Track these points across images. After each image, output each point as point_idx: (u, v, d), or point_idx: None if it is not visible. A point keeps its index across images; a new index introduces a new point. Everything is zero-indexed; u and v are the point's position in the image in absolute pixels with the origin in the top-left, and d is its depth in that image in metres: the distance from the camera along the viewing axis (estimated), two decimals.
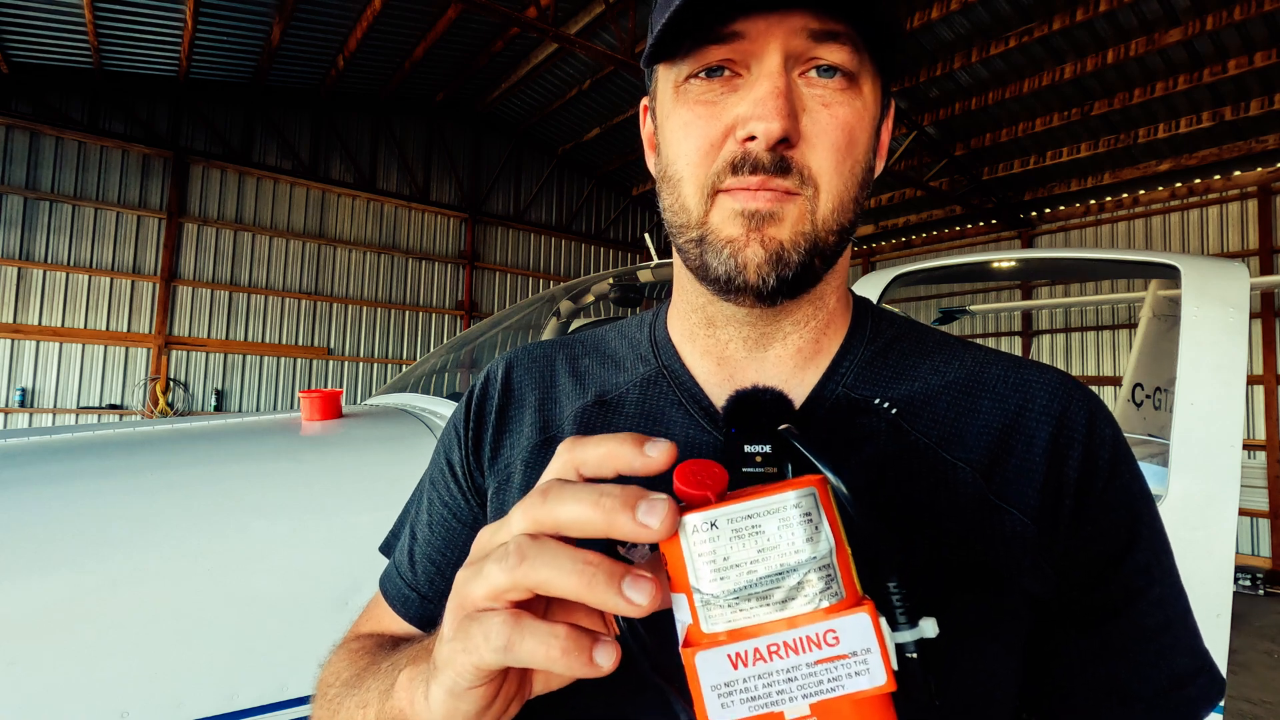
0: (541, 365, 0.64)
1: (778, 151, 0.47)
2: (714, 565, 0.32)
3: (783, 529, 0.32)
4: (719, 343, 0.56)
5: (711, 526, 0.32)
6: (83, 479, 1.34)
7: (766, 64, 0.46)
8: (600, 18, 8.02)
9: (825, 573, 0.32)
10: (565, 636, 0.31)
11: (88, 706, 1.03)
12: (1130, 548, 0.52)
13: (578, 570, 0.31)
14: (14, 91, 8.30)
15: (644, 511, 0.31)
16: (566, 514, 0.32)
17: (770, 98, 0.45)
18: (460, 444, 0.62)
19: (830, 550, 0.32)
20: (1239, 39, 7.04)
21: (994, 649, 0.49)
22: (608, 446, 0.34)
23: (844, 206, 0.49)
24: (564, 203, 13.05)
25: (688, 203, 0.50)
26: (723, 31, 0.47)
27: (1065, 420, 0.52)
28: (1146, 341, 4.39)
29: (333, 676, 0.55)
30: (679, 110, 0.50)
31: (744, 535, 0.32)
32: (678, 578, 0.33)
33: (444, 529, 0.62)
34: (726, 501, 0.33)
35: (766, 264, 0.48)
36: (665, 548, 0.33)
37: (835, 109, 0.48)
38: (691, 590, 0.32)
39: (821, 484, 0.34)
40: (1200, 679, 0.52)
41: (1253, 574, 7.73)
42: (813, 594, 0.32)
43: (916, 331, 0.60)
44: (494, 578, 0.32)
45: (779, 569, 0.32)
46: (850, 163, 0.49)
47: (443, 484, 0.63)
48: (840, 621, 0.31)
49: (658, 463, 0.33)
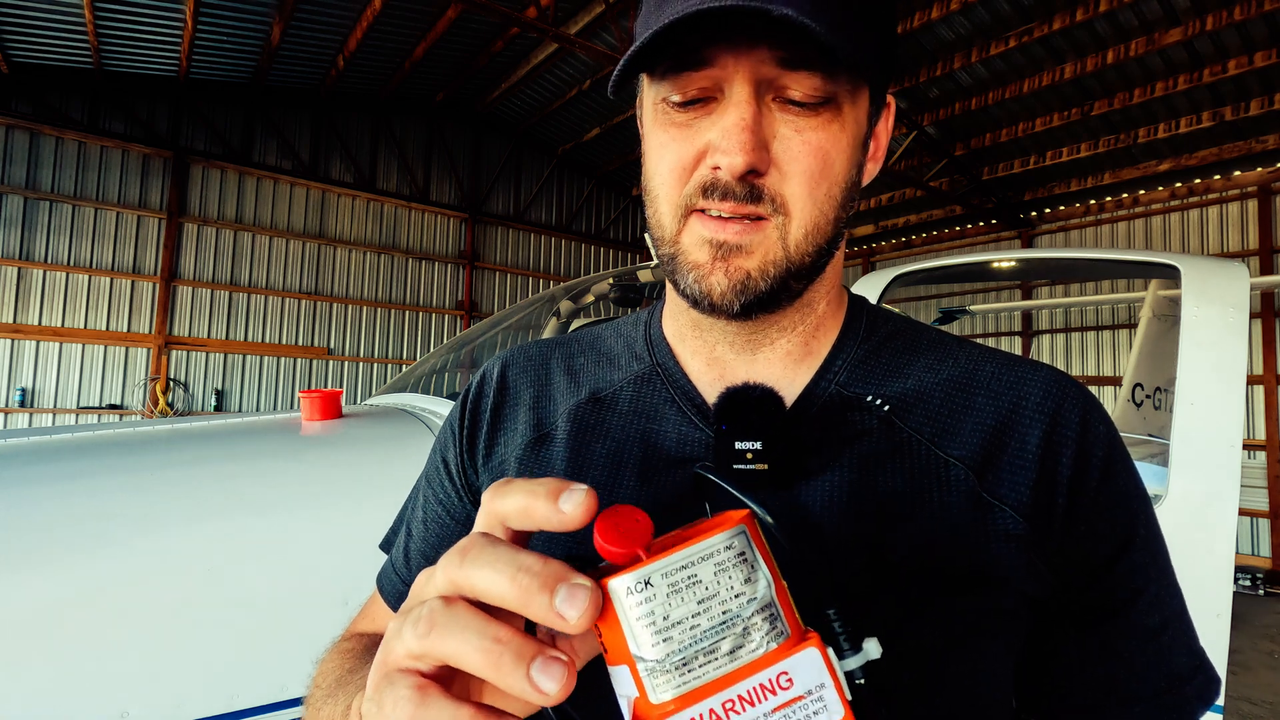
0: (537, 364, 0.64)
1: (747, 181, 0.47)
2: (655, 628, 0.29)
3: (719, 574, 0.30)
4: (707, 344, 0.57)
5: (646, 585, 0.29)
6: (83, 479, 1.34)
7: (736, 92, 0.46)
8: (600, 18, 8.02)
9: (768, 612, 0.30)
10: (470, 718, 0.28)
11: (88, 706, 1.03)
12: (1126, 547, 0.52)
13: (484, 648, 0.28)
14: (14, 91, 8.30)
15: (562, 599, 0.27)
16: (482, 582, 0.29)
17: (736, 130, 0.45)
18: (455, 442, 0.63)
19: (769, 587, 0.31)
20: (1239, 39, 7.04)
21: (993, 649, 0.49)
22: (523, 498, 0.31)
23: (819, 230, 0.49)
24: (564, 203, 13.05)
25: (663, 219, 0.51)
26: (696, 57, 0.47)
27: (1058, 418, 0.52)
28: (1146, 341, 4.39)
29: (321, 677, 0.56)
30: (657, 131, 0.51)
31: (681, 589, 0.29)
32: (615, 648, 0.30)
33: (438, 526, 0.62)
34: (655, 555, 0.30)
35: (730, 291, 0.48)
36: (599, 620, 0.30)
37: (808, 134, 0.47)
38: (634, 659, 0.29)
39: (749, 518, 0.32)
40: (1197, 678, 0.53)
41: (1253, 574, 7.72)
42: (759, 638, 0.30)
43: (911, 329, 0.60)
44: (408, 641, 0.29)
45: (722, 618, 0.29)
46: (826, 186, 0.48)
47: (438, 482, 0.64)
48: (791, 662, 0.30)
49: (572, 519, 0.30)
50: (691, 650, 0.29)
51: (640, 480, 0.53)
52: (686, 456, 0.53)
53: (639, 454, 0.54)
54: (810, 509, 0.49)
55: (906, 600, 0.46)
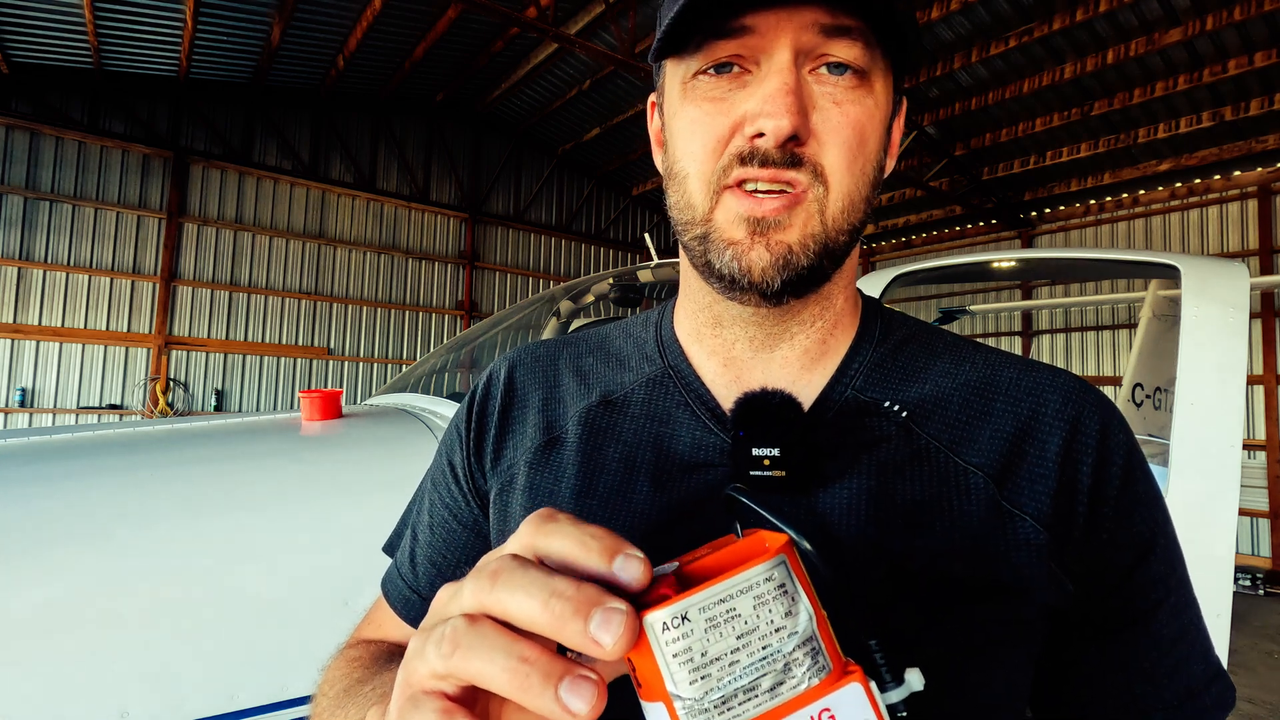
0: (544, 365, 0.63)
1: (788, 148, 0.46)
2: (692, 665, 0.28)
3: (759, 607, 0.29)
4: (725, 343, 0.55)
5: (683, 621, 0.28)
6: (83, 479, 1.34)
7: (776, 60, 0.45)
8: (600, 18, 8.01)
9: (809, 646, 0.29)
10: None
11: (88, 706, 1.03)
12: (1146, 557, 0.52)
13: (511, 668, 0.27)
14: (14, 91, 8.29)
15: (597, 624, 0.26)
16: (514, 605, 0.28)
17: (780, 94, 0.44)
18: (462, 445, 0.62)
19: (810, 619, 0.30)
20: (1239, 39, 7.04)
21: (1012, 659, 0.48)
22: (572, 548, 0.30)
23: (854, 205, 0.48)
24: (564, 203, 13.04)
25: (693, 199, 0.49)
26: (731, 26, 0.45)
27: (1078, 426, 0.51)
28: (1146, 341, 4.40)
29: (328, 685, 0.54)
30: (686, 107, 0.49)
31: (719, 624, 0.28)
32: (650, 684, 0.29)
33: (445, 530, 0.61)
34: (691, 590, 0.29)
35: (772, 267, 0.47)
36: (633, 653, 0.29)
37: (846, 107, 0.46)
38: (671, 697, 0.28)
39: (787, 546, 0.31)
40: (1214, 687, 0.53)
41: (1253, 574, 7.72)
42: (801, 673, 0.29)
43: (926, 333, 0.59)
44: (431, 660, 0.29)
45: (763, 654, 0.28)
46: (862, 161, 0.48)
47: (444, 485, 0.63)
48: (834, 698, 0.29)
49: (628, 586, 0.28)
50: (731, 688, 0.28)
51: (654, 486, 0.52)
52: (701, 461, 0.52)
53: (652, 459, 0.53)
54: (829, 517, 0.48)
55: (926, 610, 0.46)
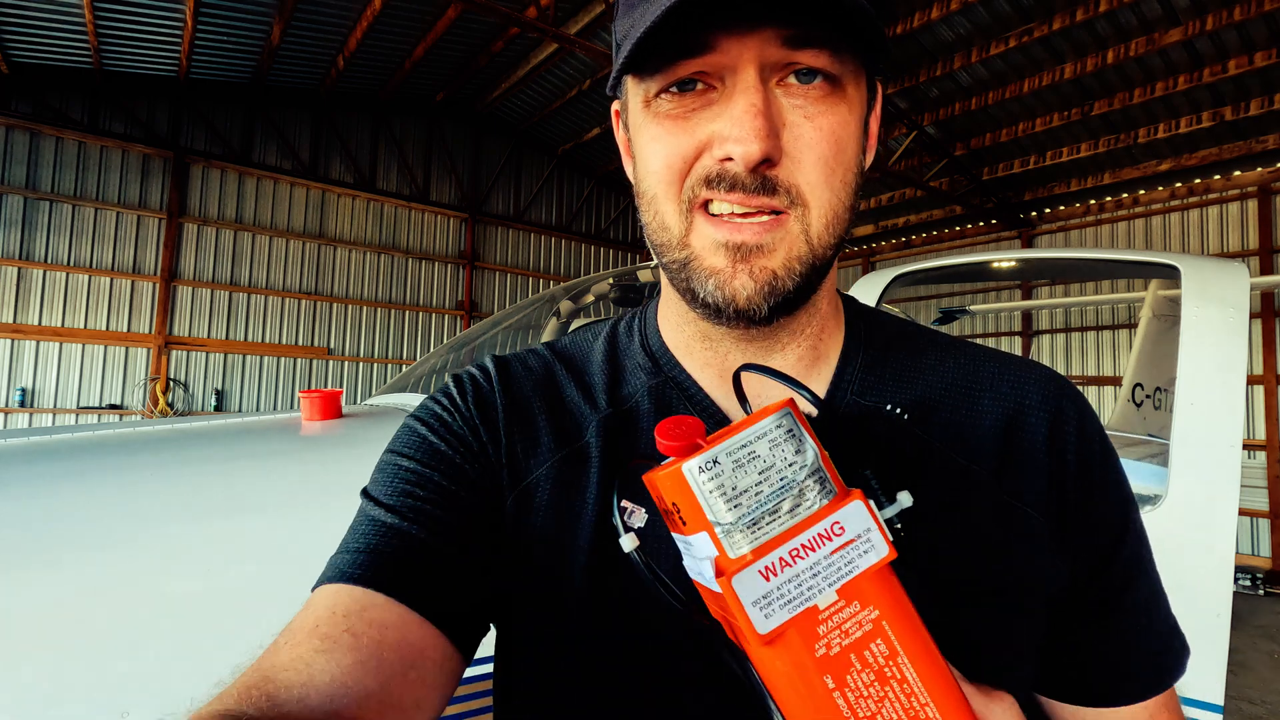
0: (539, 375, 0.60)
1: (759, 172, 0.44)
2: (725, 497, 0.36)
3: (774, 449, 0.37)
4: (718, 355, 0.55)
5: (714, 464, 0.36)
6: (83, 479, 1.34)
7: (742, 78, 0.43)
8: (600, 18, 8.01)
9: (817, 475, 0.37)
10: None
11: (88, 706, 1.02)
12: (1124, 537, 0.54)
13: None
14: (14, 91, 8.29)
15: None
16: None
17: (747, 116, 0.42)
18: (463, 418, 0.56)
19: (816, 456, 0.37)
20: (1239, 39, 7.03)
21: (1026, 651, 0.51)
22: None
23: (838, 219, 0.47)
24: (564, 203, 13.03)
25: (667, 221, 0.48)
26: (693, 43, 0.44)
27: (1059, 415, 0.54)
28: (1146, 341, 4.40)
29: None
30: (649, 126, 0.48)
31: (743, 464, 0.36)
32: (693, 519, 0.36)
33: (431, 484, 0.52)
34: (714, 441, 0.37)
35: (758, 294, 0.46)
36: (675, 497, 0.37)
37: (819, 120, 0.45)
38: (712, 525, 0.36)
39: (790, 402, 0.39)
40: (1175, 641, 0.57)
41: (1253, 574, 7.72)
42: (813, 497, 0.37)
43: (906, 332, 0.60)
44: None
45: (780, 484, 0.36)
46: (841, 172, 0.46)
47: (428, 456, 0.54)
48: (842, 513, 0.36)
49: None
50: (758, 511, 0.36)
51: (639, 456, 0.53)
52: None
53: None
54: None
55: (950, 612, 0.46)
